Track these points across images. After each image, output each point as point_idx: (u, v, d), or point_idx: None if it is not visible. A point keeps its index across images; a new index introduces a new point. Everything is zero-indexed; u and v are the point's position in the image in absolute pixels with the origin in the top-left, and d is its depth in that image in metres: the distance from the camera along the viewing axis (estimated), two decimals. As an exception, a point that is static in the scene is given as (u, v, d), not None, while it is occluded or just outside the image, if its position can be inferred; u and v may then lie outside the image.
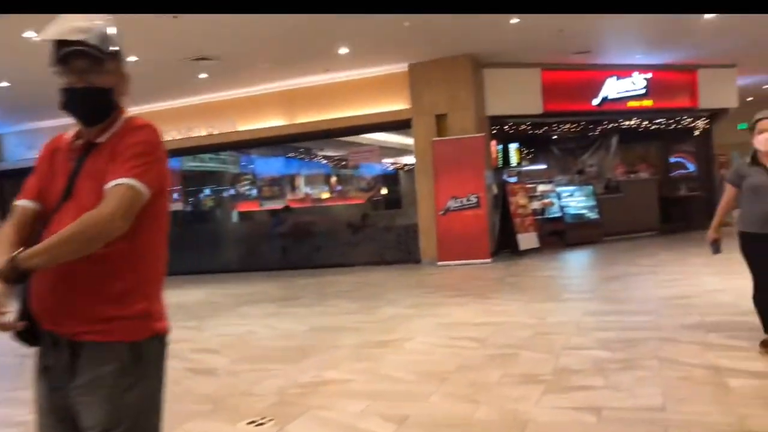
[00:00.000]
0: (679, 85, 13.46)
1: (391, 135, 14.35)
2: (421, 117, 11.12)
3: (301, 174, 15.92)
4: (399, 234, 11.83)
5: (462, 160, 10.72)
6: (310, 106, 12.00)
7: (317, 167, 16.22)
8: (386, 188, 17.27)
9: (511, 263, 10.41)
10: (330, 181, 16.10)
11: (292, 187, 15.65)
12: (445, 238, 10.84)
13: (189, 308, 8.10)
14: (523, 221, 11.60)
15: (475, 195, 10.69)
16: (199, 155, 13.95)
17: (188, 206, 14.46)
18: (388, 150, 16.85)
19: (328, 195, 15.90)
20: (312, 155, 15.81)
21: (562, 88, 12.38)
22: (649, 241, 12.18)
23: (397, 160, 18.08)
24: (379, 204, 14.78)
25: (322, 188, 16.13)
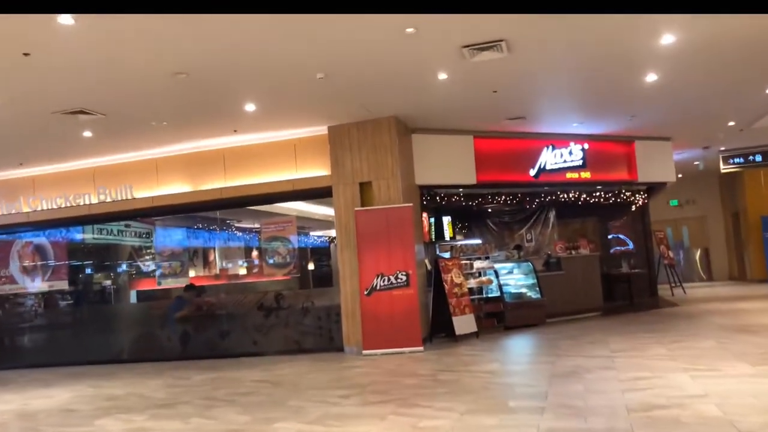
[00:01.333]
0: (617, 157, 12.87)
1: (314, 205, 13.02)
2: (343, 185, 9.88)
3: (214, 247, 14.25)
4: (320, 317, 10.30)
5: (389, 233, 9.45)
6: (217, 171, 10.59)
7: (233, 239, 14.62)
8: (312, 263, 15.80)
9: (445, 352, 9.02)
10: (250, 255, 14.48)
11: (204, 262, 13.93)
12: (370, 322, 9.39)
13: (31, 419, 6.25)
14: (459, 302, 10.32)
15: (405, 272, 9.38)
16: (91, 226, 12.17)
17: (77, 285, 12.48)
18: (311, 222, 15.48)
19: (244, 271, 14.24)
20: (226, 226, 14.23)
21: (496, 157, 11.49)
22: (596, 324, 11.09)
23: (326, 233, 16.74)
24: (304, 281, 13.25)
25: (239, 263, 14.47)
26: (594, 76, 8.46)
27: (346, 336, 9.76)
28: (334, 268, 14.57)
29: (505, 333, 10.82)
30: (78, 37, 5.82)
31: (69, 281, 12.05)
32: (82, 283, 12.53)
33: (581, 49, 7.36)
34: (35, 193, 11.39)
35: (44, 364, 11.22)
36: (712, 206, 20.69)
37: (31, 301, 12.15)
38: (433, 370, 7.50)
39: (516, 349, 9.40)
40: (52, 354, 11.53)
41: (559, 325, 11.28)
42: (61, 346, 11.62)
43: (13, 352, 11.84)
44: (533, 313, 11.53)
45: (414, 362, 8.33)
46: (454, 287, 10.36)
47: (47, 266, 11.81)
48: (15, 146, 9.64)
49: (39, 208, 11.29)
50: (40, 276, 11.77)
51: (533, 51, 7.26)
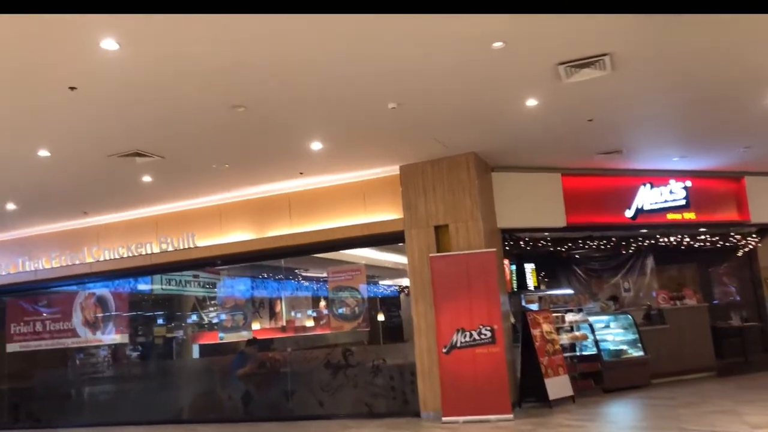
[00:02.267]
0: (725, 195, 11.37)
1: (383, 252, 12.14)
2: (416, 229, 8.95)
3: (280, 297, 13.54)
4: (392, 376, 9.24)
5: (469, 282, 8.39)
6: (283, 217, 9.90)
7: (300, 289, 13.89)
8: (382, 314, 14.84)
9: (540, 421, 7.75)
10: (317, 305, 13.67)
11: (270, 313, 13.21)
12: (450, 384, 8.26)
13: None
14: (552, 361, 9.04)
15: (489, 327, 8.25)
16: (159, 277, 11.69)
17: (140, 338, 11.95)
18: (380, 270, 14.57)
19: (312, 323, 13.41)
20: (293, 276, 13.53)
21: (587, 197, 10.30)
22: (713, 387, 9.52)
23: (397, 282, 15.78)
24: (374, 334, 12.29)
25: (306, 314, 13.66)
26: (709, 97, 7.27)
27: (423, 399, 8.64)
28: (405, 320, 13.57)
29: (605, 396, 9.41)
30: (123, 65, 5.24)
31: (131, 334, 11.52)
32: (144, 336, 11.99)
33: (696, 64, 6.25)
34: (99, 242, 11.03)
35: (103, 422, 10.62)
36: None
37: (103, 352, 11.70)
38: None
39: (625, 420, 7.99)
40: (112, 412, 10.93)
41: (667, 387, 9.78)
42: (122, 403, 11.01)
43: (76, 408, 11.33)
44: (635, 372, 10.07)
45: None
46: (545, 344, 9.11)
47: (108, 319, 11.35)
48: (77, 193, 9.28)
49: (101, 258, 10.91)
50: (101, 329, 11.30)
51: (640, 67, 6.20)
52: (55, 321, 11.56)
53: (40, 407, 11.47)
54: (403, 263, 9.52)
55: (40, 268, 11.36)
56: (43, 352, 11.68)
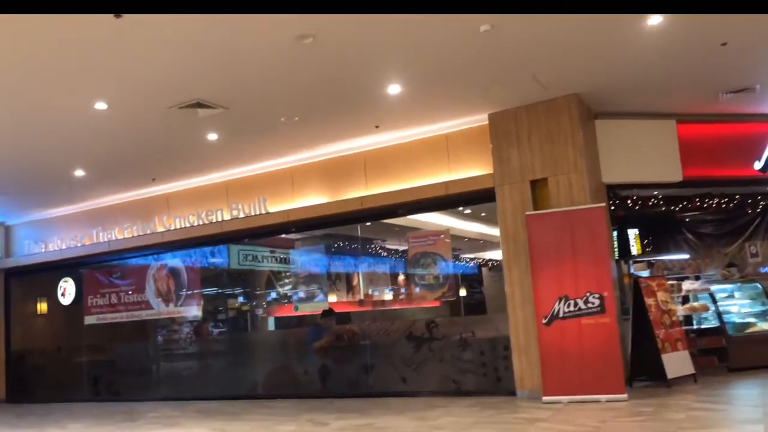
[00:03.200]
0: None
1: (464, 221, 11.13)
2: (509, 185, 7.88)
3: (358, 271, 12.81)
4: (482, 351, 8.28)
5: (574, 243, 7.26)
6: (358, 178, 9.05)
7: (378, 262, 13.10)
8: (464, 289, 13.90)
9: (660, 402, 6.59)
10: (396, 280, 12.86)
11: (347, 287, 12.52)
12: (552, 359, 7.20)
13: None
14: (669, 335, 7.80)
15: (598, 294, 7.11)
16: (230, 250, 11.15)
17: (212, 312, 11.50)
18: (460, 243, 13.58)
19: (390, 296, 12.61)
20: (371, 247, 12.75)
21: (707, 147, 8.86)
22: None
23: (478, 255, 14.76)
24: (455, 309, 11.37)
25: (385, 288, 12.88)
26: None
27: (519, 377, 7.64)
28: (488, 296, 12.53)
29: (731, 376, 8.09)
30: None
31: (206, 308, 11.06)
32: (219, 310, 11.52)
33: None
34: (169, 211, 10.59)
35: (179, 397, 10.25)
36: None
37: (183, 328, 11.34)
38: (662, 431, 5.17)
39: (762, 402, 6.68)
40: (187, 386, 10.55)
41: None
42: (197, 377, 10.60)
43: (153, 382, 11.04)
44: (766, 350, 8.64)
45: (623, 418, 6.02)
46: (661, 315, 7.87)
47: (182, 291, 10.92)
48: (142, 154, 8.76)
49: (172, 227, 10.46)
50: (174, 301, 10.90)
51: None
52: (129, 293, 11.28)
53: (119, 380, 11.26)
54: (486, 233, 8.52)
55: (113, 239, 11.07)
56: (121, 325, 11.44)
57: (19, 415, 10.30)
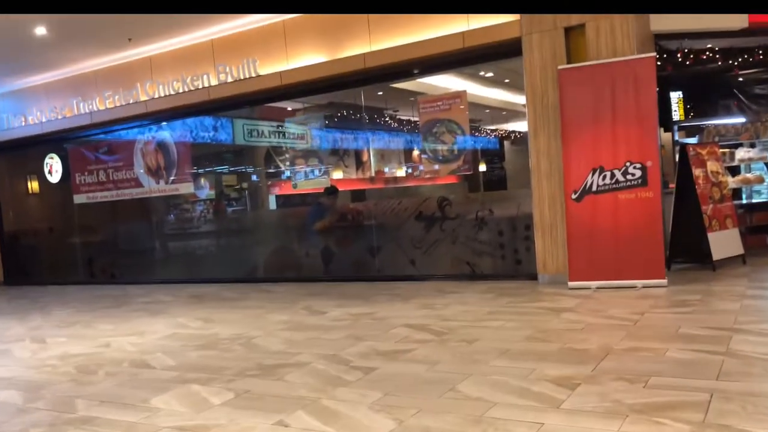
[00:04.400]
0: None
1: (486, 88, 9.85)
2: (539, 33, 6.53)
3: (368, 146, 11.71)
4: (501, 231, 7.35)
5: (614, 104, 6.04)
6: (360, 32, 7.72)
7: (388, 135, 11.95)
8: (485, 164, 12.85)
9: (706, 288, 5.68)
10: (410, 155, 11.77)
11: (356, 163, 11.50)
12: (581, 239, 6.24)
13: (80, 380, 4.16)
14: (718, 210, 6.75)
15: (640, 164, 5.99)
16: (228, 120, 10.05)
17: (202, 193, 10.60)
18: (481, 113, 12.34)
19: (402, 172, 11.60)
20: (382, 119, 11.59)
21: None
22: None
23: (499, 127, 13.53)
24: (474, 185, 10.39)
25: (398, 164, 11.82)
26: None
27: (542, 259, 6.73)
28: (509, 172, 11.47)
29: (784, 257, 7.14)
30: None
31: (198, 185, 10.15)
32: (213, 187, 10.62)
33: None
34: (152, 77, 9.42)
35: (176, 279, 9.65)
36: None
37: (173, 206, 10.53)
38: (701, 322, 4.25)
39: None
40: (186, 269, 9.95)
41: None
42: (195, 260, 9.96)
43: (153, 265, 10.46)
44: (826, 228, 7.61)
45: (664, 308, 5.12)
46: (710, 188, 6.77)
47: (172, 168, 9.98)
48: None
49: (156, 95, 9.34)
50: (164, 178, 10.00)
51: None
52: (117, 170, 10.40)
53: (115, 262, 10.69)
54: (509, 101, 7.27)
55: (95, 110, 10.02)
56: (114, 204, 10.68)
57: (11, 297, 9.86)
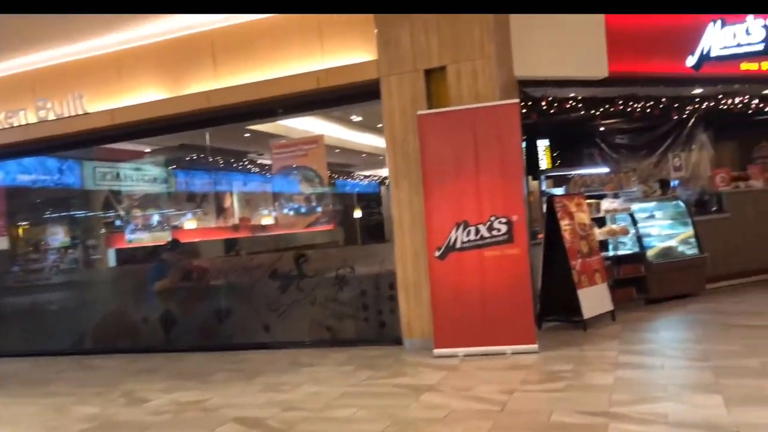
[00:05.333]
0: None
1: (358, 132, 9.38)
2: (398, 75, 5.98)
3: (231, 190, 10.71)
4: (365, 291, 6.61)
5: (477, 152, 5.56)
6: (204, 66, 6.85)
7: (256, 179, 11.04)
8: (361, 210, 12.25)
9: (578, 355, 5.23)
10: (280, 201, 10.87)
11: (216, 209, 10.45)
12: (446, 301, 5.63)
13: None
14: (587, 265, 6.43)
15: (505, 219, 5.51)
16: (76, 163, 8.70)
17: (19, 246, 9.04)
18: (356, 157, 11.85)
19: (271, 220, 10.65)
20: (244, 162, 10.72)
21: (637, 37, 7.35)
22: None
23: (376, 173, 13.08)
24: (350, 234, 9.73)
25: (265, 211, 10.85)
26: None
27: (407, 323, 6.05)
28: (387, 218, 10.97)
29: (652, 310, 6.96)
30: None
31: (13, 238, 8.64)
32: (33, 242, 9.07)
33: None
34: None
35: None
36: None
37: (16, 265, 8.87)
38: (590, 409, 3.70)
39: (715, 351, 5.38)
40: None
41: (727, 294, 7.45)
42: (9, 328, 8.35)
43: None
44: (688, 277, 7.57)
45: (535, 384, 4.55)
46: (578, 241, 6.46)
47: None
48: None
49: (-37, 133, 7.87)
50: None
51: None
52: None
53: None
54: (381, 146, 6.68)
55: None
56: None
57: None
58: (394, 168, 6.05)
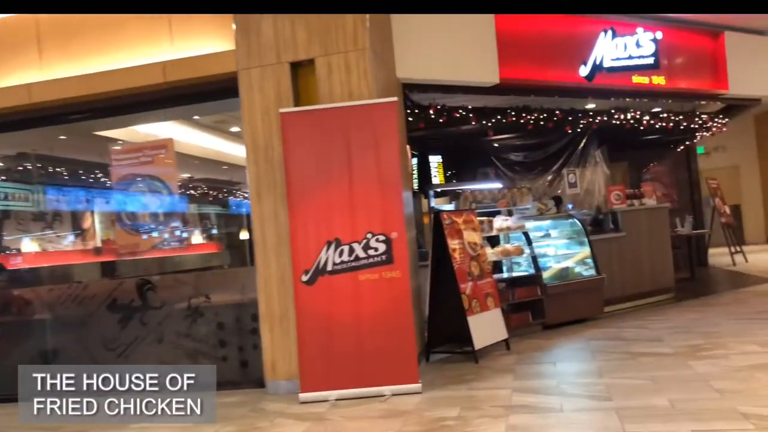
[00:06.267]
0: (699, 55, 8.37)
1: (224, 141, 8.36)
2: (259, 69, 5.08)
3: (92, 208, 9.31)
4: (223, 324, 5.56)
5: (350, 158, 4.73)
6: (28, 53, 5.64)
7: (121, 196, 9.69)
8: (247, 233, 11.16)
9: (466, 398, 4.44)
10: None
11: (73, 229, 9.06)
12: (315, 335, 4.71)
13: None
14: (478, 289, 5.73)
15: (383, 237, 4.69)
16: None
17: None
18: (236, 171, 10.67)
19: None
20: (99, 174, 9.39)
21: (529, 44, 6.88)
22: (677, 314, 6.87)
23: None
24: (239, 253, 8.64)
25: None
26: None
27: (270, 361, 5.07)
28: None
29: (549, 337, 6.38)
30: None
31: None
32: None
33: None
34: None
35: None
36: (745, 154, 16.72)
37: None
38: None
39: (621, 387, 4.72)
40: None
41: (623, 317, 7.05)
42: None
43: None
44: (585, 300, 7.09)
45: (415, 430, 3.72)
46: (468, 262, 5.75)
47: None
48: None
49: None
50: None
51: None
52: None
53: None
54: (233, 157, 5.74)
55: None
56: None
57: None
58: (256, 178, 5.11)
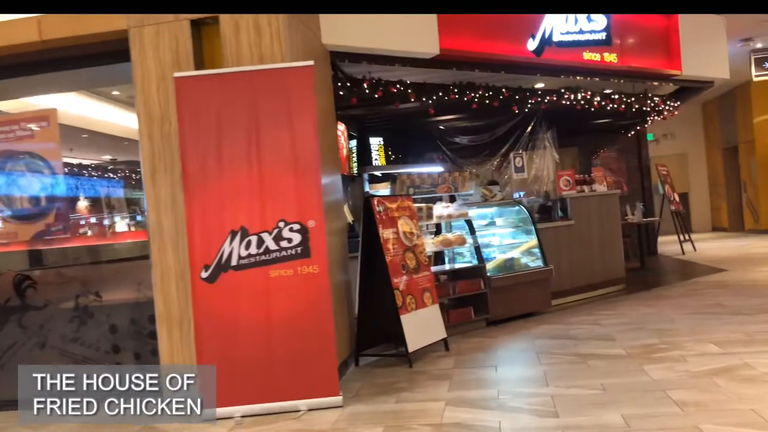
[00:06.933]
0: (652, 34, 7.93)
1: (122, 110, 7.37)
2: (154, 26, 4.29)
3: None
4: (115, 327, 4.78)
5: (259, 132, 4.01)
6: None
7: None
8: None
9: (395, 411, 3.82)
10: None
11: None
12: (218, 341, 4.00)
13: None
14: (413, 283, 5.11)
15: (298, 225, 4.00)
16: None
17: None
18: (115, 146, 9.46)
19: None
20: None
21: (472, 15, 6.22)
22: (629, 307, 6.42)
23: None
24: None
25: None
26: None
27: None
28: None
29: (494, 335, 5.83)
30: None
31: None
32: None
33: None
34: None
35: None
36: (693, 142, 16.71)
37: None
38: None
39: (557, 383, 4.17)
40: None
41: (573, 311, 6.58)
42: None
43: None
44: (532, 293, 6.59)
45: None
46: (403, 254, 5.12)
47: None
48: None
49: None
50: None
51: None
52: None
53: None
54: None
55: None
56: None
57: None
58: (150, 156, 4.34)
